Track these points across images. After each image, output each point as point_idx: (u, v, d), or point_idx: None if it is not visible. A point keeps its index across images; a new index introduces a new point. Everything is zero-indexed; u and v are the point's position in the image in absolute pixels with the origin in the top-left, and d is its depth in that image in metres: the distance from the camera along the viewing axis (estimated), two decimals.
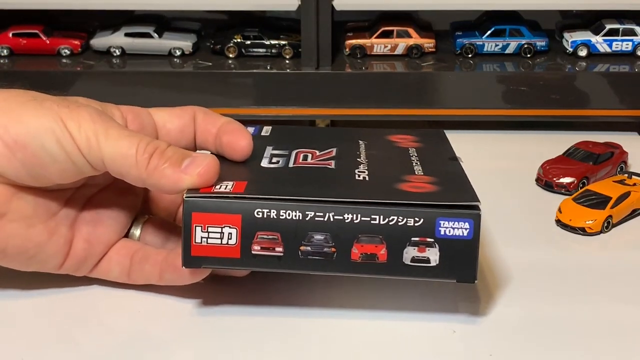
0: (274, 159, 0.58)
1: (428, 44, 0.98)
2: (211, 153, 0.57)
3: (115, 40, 0.98)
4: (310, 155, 0.59)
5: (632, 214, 0.69)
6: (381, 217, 0.52)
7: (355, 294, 0.57)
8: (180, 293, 0.57)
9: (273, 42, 0.98)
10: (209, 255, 0.52)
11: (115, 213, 0.58)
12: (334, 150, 0.60)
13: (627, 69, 0.92)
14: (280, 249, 0.52)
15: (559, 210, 0.68)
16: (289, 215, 0.52)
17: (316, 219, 0.52)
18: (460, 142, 0.66)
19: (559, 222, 0.68)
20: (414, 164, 0.58)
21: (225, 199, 0.52)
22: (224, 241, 0.52)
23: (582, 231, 0.66)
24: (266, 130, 0.64)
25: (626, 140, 0.81)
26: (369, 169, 0.57)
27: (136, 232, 0.59)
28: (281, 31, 0.99)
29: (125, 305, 0.56)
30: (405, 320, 0.55)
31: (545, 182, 0.74)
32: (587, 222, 0.66)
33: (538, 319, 0.55)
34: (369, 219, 0.52)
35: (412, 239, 0.52)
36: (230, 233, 0.52)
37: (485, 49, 0.97)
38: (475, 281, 0.52)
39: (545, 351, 0.52)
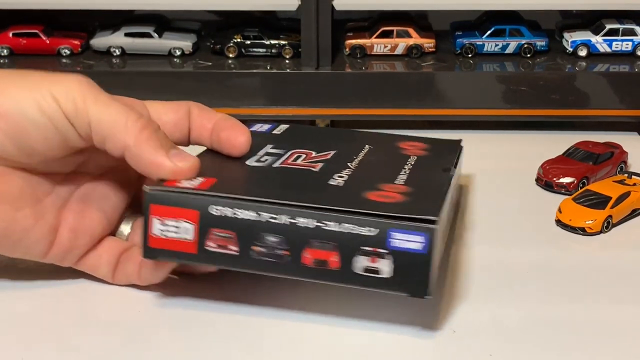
0: (264, 158, 0.58)
1: (428, 44, 0.98)
2: (206, 149, 0.58)
3: (115, 40, 0.98)
4: (303, 157, 0.59)
5: (632, 214, 0.69)
6: (334, 223, 0.51)
7: (355, 292, 0.57)
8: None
9: (273, 42, 0.98)
10: (166, 248, 0.52)
11: (104, 206, 0.58)
12: (332, 153, 0.60)
13: (627, 69, 0.92)
14: (235, 248, 0.52)
15: (559, 210, 0.68)
16: (244, 215, 0.51)
17: (270, 220, 0.51)
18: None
19: (559, 222, 0.67)
20: (400, 173, 0.58)
21: (184, 194, 0.52)
22: (181, 235, 0.52)
23: (582, 231, 0.66)
24: (280, 129, 0.64)
25: (626, 140, 0.81)
26: (351, 175, 0.56)
27: (125, 230, 0.59)
28: (281, 31, 0.99)
29: (125, 306, 0.56)
30: (405, 319, 0.55)
31: (545, 182, 0.74)
32: (587, 222, 0.66)
33: (538, 319, 0.55)
34: (322, 224, 0.51)
35: (363, 248, 0.51)
36: (187, 228, 0.52)
37: (485, 49, 0.97)
38: (428, 297, 0.50)
39: (545, 351, 0.52)
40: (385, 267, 0.51)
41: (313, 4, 0.92)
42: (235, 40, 0.97)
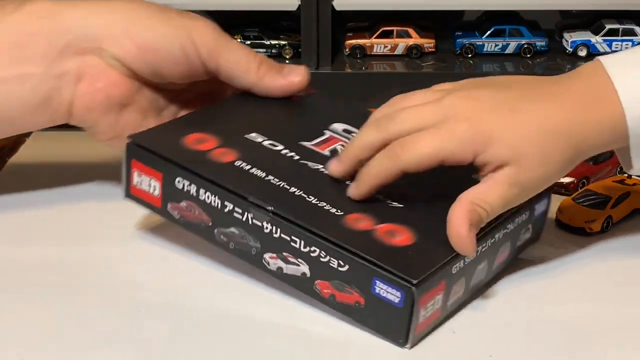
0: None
1: (428, 44, 0.98)
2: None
3: None
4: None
5: (632, 214, 0.69)
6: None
7: None
8: None
9: (273, 42, 0.98)
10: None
11: None
12: None
13: None
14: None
15: (559, 210, 0.68)
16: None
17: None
18: None
19: (559, 222, 0.67)
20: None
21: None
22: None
23: (582, 231, 0.66)
24: None
25: None
26: None
27: None
28: (281, 31, 1.00)
29: (124, 307, 0.56)
30: None
31: None
32: (587, 222, 0.66)
33: (538, 319, 0.55)
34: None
35: None
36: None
37: (485, 49, 0.98)
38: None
39: (545, 351, 0.52)
40: (528, 233, 0.59)
41: (313, 4, 0.92)
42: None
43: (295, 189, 0.56)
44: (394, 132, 0.56)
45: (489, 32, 0.96)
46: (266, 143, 0.60)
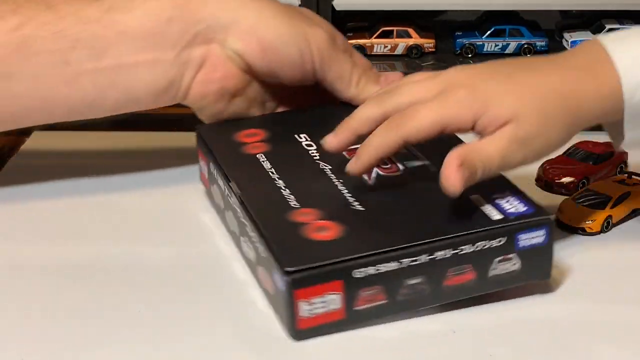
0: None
1: (428, 44, 0.98)
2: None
3: None
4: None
5: (632, 214, 0.69)
6: (468, 246, 0.54)
7: None
8: None
9: None
10: (316, 325, 0.52)
11: None
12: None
13: None
14: (383, 299, 0.53)
15: (559, 210, 0.68)
16: (387, 268, 0.52)
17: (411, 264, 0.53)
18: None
19: (559, 222, 0.67)
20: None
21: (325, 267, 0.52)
22: (329, 308, 0.52)
23: (582, 231, 0.66)
24: None
25: None
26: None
27: None
28: None
29: (128, 308, 0.56)
30: (405, 319, 0.55)
31: (545, 182, 0.74)
32: (587, 222, 0.66)
33: (538, 319, 0.55)
34: (458, 251, 0.54)
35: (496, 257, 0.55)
36: (334, 299, 0.52)
37: (485, 49, 0.98)
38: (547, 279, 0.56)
39: (545, 351, 0.52)
40: (514, 265, 0.55)
41: (313, 4, 0.92)
42: None
43: (282, 183, 0.58)
44: (393, 104, 0.57)
45: (489, 32, 0.97)
46: (305, 143, 0.63)
